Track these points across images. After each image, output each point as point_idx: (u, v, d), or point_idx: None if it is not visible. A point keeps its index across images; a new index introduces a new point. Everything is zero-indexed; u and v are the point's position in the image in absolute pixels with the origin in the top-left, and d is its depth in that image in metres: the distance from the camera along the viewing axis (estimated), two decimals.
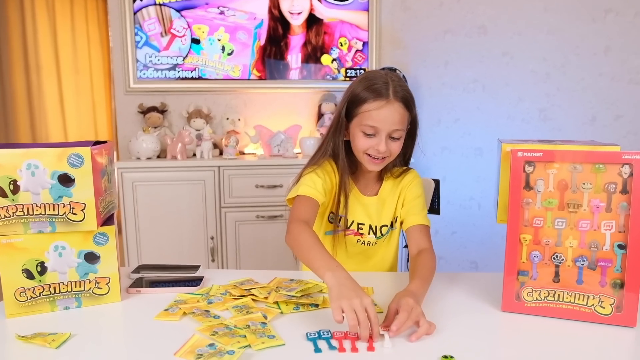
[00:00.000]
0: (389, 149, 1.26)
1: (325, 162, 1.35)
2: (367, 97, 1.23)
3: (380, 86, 1.23)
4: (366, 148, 1.27)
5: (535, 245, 1.01)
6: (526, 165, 1.00)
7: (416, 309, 0.93)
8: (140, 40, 2.72)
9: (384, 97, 1.22)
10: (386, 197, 1.41)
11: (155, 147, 2.54)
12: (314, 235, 1.12)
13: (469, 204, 3.00)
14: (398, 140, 1.27)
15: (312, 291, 1.12)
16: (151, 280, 1.17)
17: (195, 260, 2.50)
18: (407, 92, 1.26)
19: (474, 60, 2.88)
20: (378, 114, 1.22)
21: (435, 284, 1.17)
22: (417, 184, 1.42)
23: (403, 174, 1.43)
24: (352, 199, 1.38)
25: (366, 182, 1.42)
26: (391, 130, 1.24)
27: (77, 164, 0.94)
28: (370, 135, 1.25)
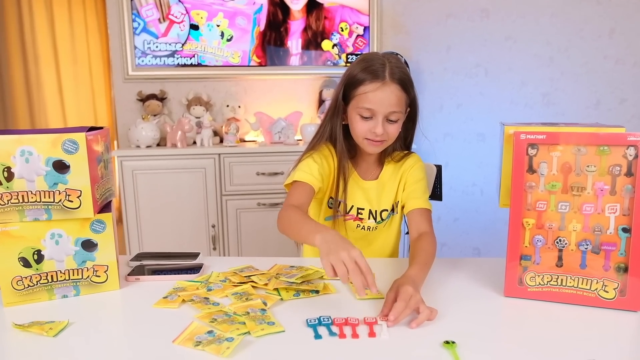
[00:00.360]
0: (386, 132, 1.24)
1: (323, 146, 1.34)
2: (363, 78, 1.22)
3: (376, 67, 1.21)
4: (364, 132, 1.25)
5: (538, 229, 0.99)
6: (529, 148, 0.98)
7: (415, 296, 0.91)
8: (138, 26, 2.70)
9: (380, 78, 1.20)
10: (386, 181, 1.39)
11: (155, 135, 2.52)
12: (301, 211, 1.13)
13: (472, 190, 2.98)
14: (395, 122, 1.26)
15: (312, 277, 1.10)
16: (150, 268, 1.16)
17: (196, 248, 2.47)
18: (405, 73, 1.24)
19: (476, 45, 2.86)
20: (374, 96, 1.21)
21: (437, 270, 1.16)
22: (419, 167, 1.40)
23: (404, 158, 1.41)
24: (352, 184, 1.37)
25: (367, 167, 1.40)
26: (388, 113, 1.22)
27: (72, 150, 0.92)
28: (367, 118, 1.24)
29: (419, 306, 0.89)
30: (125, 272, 1.13)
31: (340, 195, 1.34)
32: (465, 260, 1.27)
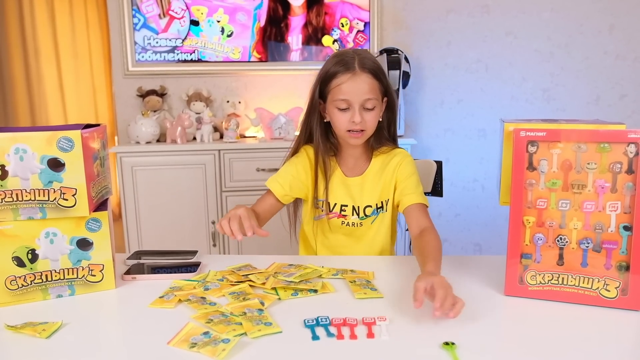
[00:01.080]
0: (364, 120, 1.28)
1: (301, 151, 1.40)
2: (335, 71, 1.27)
3: (347, 60, 1.27)
4: (344, 123, 1.29)
5: (538, 227, 0.98)
6: (529, 145, 0.97)
7: (450, 287, 0.91)
8: (138, 22, 2.68)
9: (351, 69, 1.26)
10: (372, 176, 1.40)
11: (155, 131, 2.51)
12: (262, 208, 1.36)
13: (473, 186, 2.97)
14: (372, 110, 1.29)
15: (310, 277, 1.09)
16: (147, 266, 1.15)
17: (196, 245, 2.48)
18: (375, 62, 1.30)
19: (477, 40, 2.84)
20: (347, 87, 1.26)
21: (447, 267, 1.15)
22: (408, 163, 1.40)
23: (391, 154, 1.41)
24: (335, 181, 1.39)
25: (354, 162, 1.41)
26: (363, 101, 1.26)
27: (67, 147, 0.91)
28: (344, 109, 1.28)
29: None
30: (122, 271, 1.12)
31: (321, 194, 1.38)
32: (465, 258, 1.26)
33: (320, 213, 1.40)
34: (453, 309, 0.86)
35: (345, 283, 1.07)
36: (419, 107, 2.92)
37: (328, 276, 1.11)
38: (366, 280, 1.08)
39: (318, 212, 1.41)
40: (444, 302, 0.85)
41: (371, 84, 1.28)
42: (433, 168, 1.67)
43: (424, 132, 2.93)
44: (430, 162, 1.67)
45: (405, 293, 1.04)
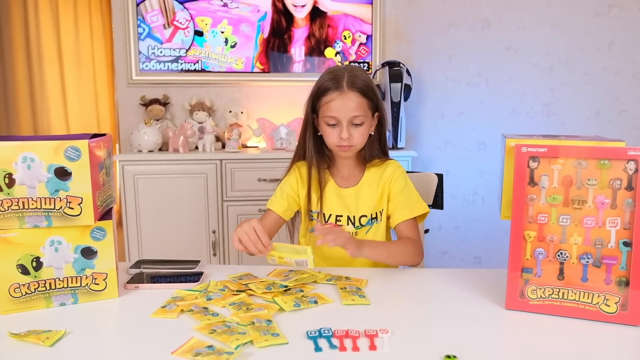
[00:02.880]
0: (352, 136, 1.32)
1: (295, 167, 1.46)
2: (326, 88, 1.32)
3: (338, 78, 1.32)
4: (334, 138, 1.34)
5: (539, 242, 0.99)
6: (530, 161, 0.98)
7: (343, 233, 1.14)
8: (142, 32, 2.71)
9: (339, 88, 1.31)
10: (366, 187, 1.44)
11: (157, 140, 2.52)
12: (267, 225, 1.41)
13: (473, 199, 2.98)
14: (360, 126, 1.34)
15: (306, 281, 1.13)
16: (150, 275, 1.16)
17: (196, 254, 2.48)
18: (363, 80, 1.34)
19: (477, 55, 2.86)
20: (335, 104, 1.31)
21: (438, 281, 1.17)
22: (399, 175, 1.43)
23: (384, 165, 1.45)
24: (330, 193, 1.43)
25: (348, 173, 1.45)
26: (350, 117, 1.31)
27: (74, 157, 0.92)
28: (333, 125, 1.33)
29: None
30: (124, 280, 1.12)
31: (315, 205, 1.42)
32: (466, 271, 1.26)
33: (315, 224, 1.43)
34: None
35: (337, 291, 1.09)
36: (420, 119, 2.93)
37: (322, 281, 1.14)
38: (357, 287, 1.10)
39: (312, 224, 1.44)
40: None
41: (358, 102, 1.32)
42: (434, 181, 1.68)
43: (425, 144, 2.94)
44: (431, 175, 1.68)
45: (399, 302, 1.06)
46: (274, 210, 1.43)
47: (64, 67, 4.03)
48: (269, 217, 1.43)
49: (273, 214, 1.43)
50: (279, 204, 1.43)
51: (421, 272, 1.28)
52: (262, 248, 1.14)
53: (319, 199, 1.41)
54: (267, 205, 1.45)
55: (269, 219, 1.43)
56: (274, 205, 1.43)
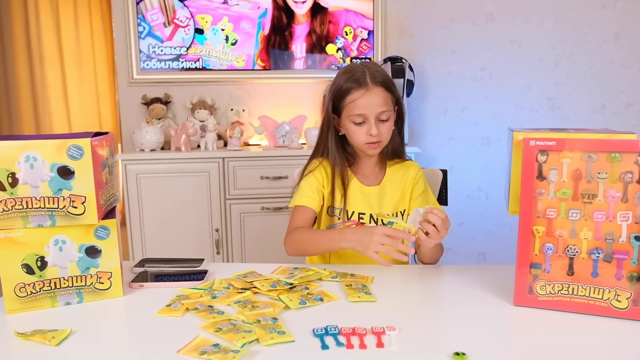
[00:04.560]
0: (380, 132, 1.32)
1: (318, 164, 1.43)
2: (349, 88, 1.32)
3: (358, 76, 1.32)
4: (362, 136, 1.34)
5: (548, 237, 0.97)
6: (539, 155, 0.96)
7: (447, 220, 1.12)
8: (143, 30, 2.70)
9: (364, 85, 1.30)
10: (389, 186, 1.45)
11: (159, 139, 2.51)
12: (308, 229, 1.34)
13: (477, 195, 2.96)
14: (387, 121, 1.34)
15: (312, 278, 1.12)
16: (154, 274, 1.15)
17: (200, 252, 2.48)
18: (385, 75, 1.35)
19: (481, 49, 2.84)
20: (362, 102, 1.30)
21: (444, 277, 1.16)
22: (421, 178, 1.47)
23: (405, 165, 1.47)
24: (353, 190, 1.42)
25: (370, 171, 1.46)
26: (378, 114, 1.31)
27: (77, 155, 0.91)
28: (360, 123, 1.32)
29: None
30: (129, 279, 1.11)
31: (338, 202, 1.41)
32: (472, 267, 1.25)
33: (336, 221, 1.42)
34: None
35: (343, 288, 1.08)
36: (423, 115, 2.91)
37: (328, 278, 1.13)
38: (362, 284, 1.09)
39: (334, 220, 1.43)
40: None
41: (384, 97, 1.32)
42: (439, 177, 1.67)
43: (428, 140, 2.93)
44: (436, 171, 1.67)
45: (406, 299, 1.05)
46: (309, 207, 1.38)
47: (65, 68, 4.03)
48: (304, 214, 1.38)
49: (308, 210, 1.38)
50: (312, 199, 1.39)
51: (427, 268, 1.27)
52: (404, 248, 1.11)
53: (342, 196, 1.40)
54: (296, 202, 1.39)
55: (306, 217, 1.38)
56: (307, 201, 1.38)
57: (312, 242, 1.28)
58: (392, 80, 1.37)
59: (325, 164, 1.44)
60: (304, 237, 1.30)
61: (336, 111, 1.38)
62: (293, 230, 1.34)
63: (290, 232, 1.34)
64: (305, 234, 1.30)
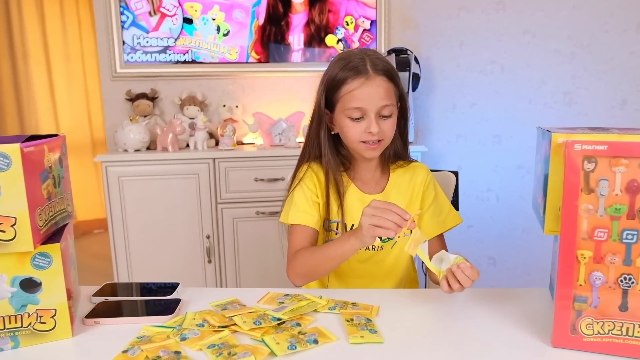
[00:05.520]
0: (382, 130, 1.14)
1: (309, 170, 1.23)
2: (344, 77, 1.13)
3: (356, 63, 1.13)
4: (358, 135, 1.13)
5: (596, 264, 0.79)
6: (585, 162, 0.77)
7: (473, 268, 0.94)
8: (126, 20, 2.51)
9: (363, 73, 1.12)
10: (394, 193, 1.24)
11: (144, 138, 2.34)
12: (311, 248, 1.14)
13: (486, 196, 2.78)
14: (390, 117, 1.15)
15: (305, 310, 0.93)
16: (116, 306, 0.96)
17: (190, 262, 2.31)
18: (388, 63, 1.16)
19: (491, 40, 2.67)
20: (361, 93, 1.11)
21: (464, 307, 0.97)
22: (430, 182, 1.27)
23: (412, 168, 1.28)
24: (351, 199, 1.21)
25: (370, 177, 1.25)
26: (379, 108, 1.12)
27: (3, 166, 0.72)
28: (358, 119, 1.13)
29: None
30: (86, 310, 0.93)
31: (335, 215, 1.20)
32: (496, 291, 1.06)
33: (334, 236, 1.22)
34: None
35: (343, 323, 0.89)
36: (429, 111, 2.74)
37: (324, 310, 0.95)
38: (366, 319, 0.90)
39: (330, 236, 1.23)
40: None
41: (387, 88, 1.13)
42: (452, 181, 1.49)
43: (435, 138, 2.76)
44: (448, 175, 1.49)
45: (419, 338, 0.85)
46: (307, 225, 1.18)
47: (51, 63, 3.88)
48: (304, 235, 1.18)
49: (308, 230, 1.18)
50: (310, 215, 1.18)
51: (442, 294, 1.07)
52: (400, 221, 0.93)
53: (339, 206, 1.20)
54: (292, 219, 1.19)
55: (307, 237, 1.18)
56: (305, 218, 1.18)
57: (321, 260, 1.09)
58: (395, 70, 1.17)
59: (315, 169, 1.23)
60: (311, 258, 1.10)
61: (329, 105, 1.18)
62: (295, 255, 1.13)
63: (292, 258, 1.14)
64: (311, 255, 1.11)
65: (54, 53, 3.88)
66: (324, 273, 1.14)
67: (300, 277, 1.12)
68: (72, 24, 3.96)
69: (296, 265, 1.12)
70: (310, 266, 1.10)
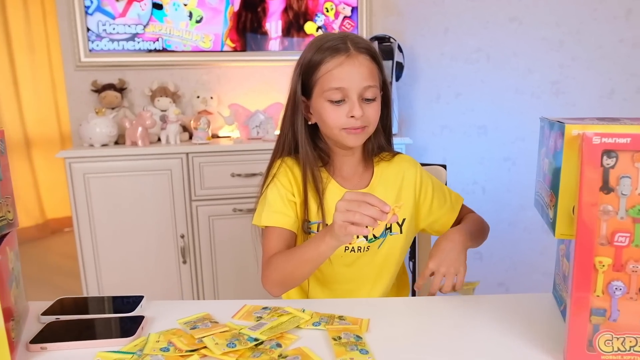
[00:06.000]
0: (365, 115, 1.03)
1: (283, 166, 1.12)
2: (322, 57, 1.03)
3: (335, 42, 1.03)
4: (339, 120, 1.03)
5: (616, 272, 0.70)
6: (605, 157, 0.68)
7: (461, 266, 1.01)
8: (90, 4, 2.37)
9: (343, 51, 1.02)
10: (380, 188, 1.13)
11: (112, 132, 2.20)
12: (285, 251, 1.03)
13: (472, 189, 2.71)
14: (374, 101, 1.05)
15: (286, 328, 0.82)
16: (68, 327, 0.83)
17: (164, 263, 2.20)
18: (369, 43, 1.07)
19: (477, 27, 2.58)
20: (341, 71, 1.01)
21: (465, 316, 0.88)
22: (424, 175, 1.18)
23: (397, 161, 1.17)
24: (332, 197, 1.09)
25: (352, 172, 1.14)
26: (362, 88, 1.02)
27: None
28: (338, 102, 1.03)
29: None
30: (33, 333, 0.80)
31: (315, 215, 1.08)
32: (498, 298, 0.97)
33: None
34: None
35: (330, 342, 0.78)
36: (413, 101, 2.66)
37: (308, 326, 0.84)
38: (356, 336, 0.80)
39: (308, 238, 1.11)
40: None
41: (370, 68, 1.04)
42: (443, 176, 1.39)
43: (418, 129, 2.68)
44: (438, 170, 1.39)
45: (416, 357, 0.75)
46: (283, 227, 1.06)
47: (14, 54, 3.70)
48: (279, 238, 1.06)
49: (283, 233, 1.06)
50: (286, 216, 1.07)
51: (437, 302, 0.97)
52: (378, 214, 0.81)
53: (318, 206, 1.08)
54: (265, 221, 1.07)
55: (283, 240, 1.06)
56: (280, 220, 1.07)
57: (297, 264, 0.97)
58: (378, 51, 1.07)
59: (289, 164, 1.12)
60: (285, 263, 0.98)
61: (305, 92, 1.07)
62: (270, 261, 1.02)
63: (266, 264, 1.02)
64: (285, 259, 0.99)
65: (16, 43, 3.72)
66: (302, 279, 1.02)
67: (277, 285, 1.01)
68: (36, 13, 3.80)
69: (270, 272, 1.01)
70: (286, 272, 0.99)
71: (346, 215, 0.83)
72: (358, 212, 0.81)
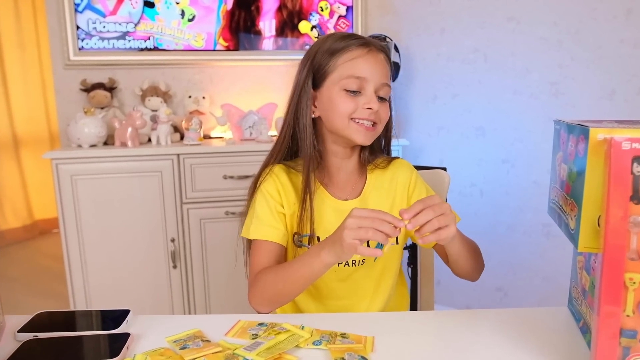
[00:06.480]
0: (379, 111, 1.00)
1: (271, 175, 1.05)
2: (346, 45, 1.00)
3: (355, 36, 1.02)
4: (351, 109, 0.98)
5: None
6: (635, 164, 0.62)
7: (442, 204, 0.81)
8: (80, 2, 2.32)
9: (366, 44, 1.00)
10: (373, 195, 1.07)
11: (100, 132, 2.14)
12: (274, 267, 0.96)
13: (470, 191, 2.66)
14: (386, 101, 1.03)
15: (285, 348, 0.75)
16: (46, 345, 0.77)
17: (153, 268, 2.14)
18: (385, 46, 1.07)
19: (474, 27, 2.54)
20: (364, 62, 0.98)
21: (478, 333, 0.82)
22: (418, 180, 1.12)
23: (393, 167, 1.11)
24: (323, 208, 1.03)
25: (344, 180, 1.08)
26: (380, 84, 1.00)
27: None
28: (354, 92, 0.98)
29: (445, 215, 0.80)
30: (7, 353, 0.73)
31: (305, 227, 1.01)
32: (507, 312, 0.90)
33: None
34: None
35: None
36: (409, 102, 2.62)
37: (308, 345, 0.78)
38: (361, 357, 0.74)
39: (302, 252, 1.04)
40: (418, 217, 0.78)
41: (387, 69, 1.03)
42: (446, 181, 1.33)
43: (415, 130, 2.64)
44: (440, 174, 1.33)
45: None
46: (273, 241, 1.00)
47: (3, 51, 3.62)
48: (267, 252, 1.00)
49: (272, 246, 1.00)
50: (275, 229, 1.01)
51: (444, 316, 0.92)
52: (392, 231, 0.78)
53: (310, 217, 1.01)
54: (254, 234, 1.01)
55: (272, 255, 1.00)
56: (268, 233, 1.00)
57: (287, 281, 0.90)
58: None
59: (277, 171, 1.05)
60: (274, 281, 0.92)
61: (315, 82, 1.02)
62: (257, 277, 0.95)
63: (254, 281, 0.96)
64: (274, 276, 0.92)
65: (6, 40, 3.67)
66: (292, 297, 0.96)
67: (265, 303, 0.94)
68: (27, 10, 3.73)
69: (258, 289, 0.94)
70: (275, 290, 0.92)
71: (358, 232, 0.78)
72: (371, 229, 0.77)
